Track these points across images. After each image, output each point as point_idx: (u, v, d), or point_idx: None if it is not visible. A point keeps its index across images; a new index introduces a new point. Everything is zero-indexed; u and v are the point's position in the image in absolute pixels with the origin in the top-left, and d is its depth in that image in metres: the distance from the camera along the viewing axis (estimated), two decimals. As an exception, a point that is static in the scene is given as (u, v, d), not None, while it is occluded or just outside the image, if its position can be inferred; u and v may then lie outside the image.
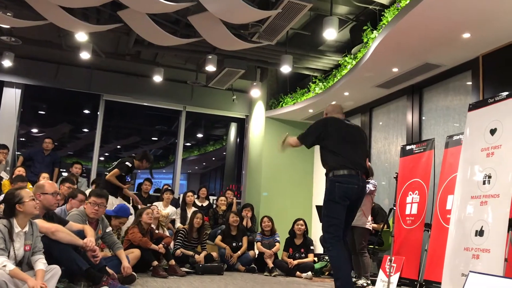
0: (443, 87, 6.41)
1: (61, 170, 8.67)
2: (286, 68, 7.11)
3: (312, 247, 6.98)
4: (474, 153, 4.35)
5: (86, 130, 11.41)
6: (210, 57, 7.25)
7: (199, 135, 13.37)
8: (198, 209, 7.54)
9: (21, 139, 9.33)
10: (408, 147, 6.01)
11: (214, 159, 14.37)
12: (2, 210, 3.47)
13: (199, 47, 7.29)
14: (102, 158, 11.28)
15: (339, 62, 7.52)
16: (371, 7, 6.37)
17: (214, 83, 8.52)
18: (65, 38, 7.51)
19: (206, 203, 8.40)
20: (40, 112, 10.67)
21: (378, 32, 5.94)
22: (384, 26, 5.69)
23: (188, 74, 9.04)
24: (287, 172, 9.31)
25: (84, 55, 7.38)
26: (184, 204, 7.88)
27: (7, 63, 7.90)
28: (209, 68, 7.35)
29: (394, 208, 5.75)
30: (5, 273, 3.06)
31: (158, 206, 7.16)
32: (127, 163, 6.31)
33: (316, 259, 7.12)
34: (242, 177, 10.35)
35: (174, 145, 10.18)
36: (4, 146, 7.78)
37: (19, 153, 8.66)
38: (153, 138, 13.60)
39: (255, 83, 8.76)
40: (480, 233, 3.99)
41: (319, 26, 6.45)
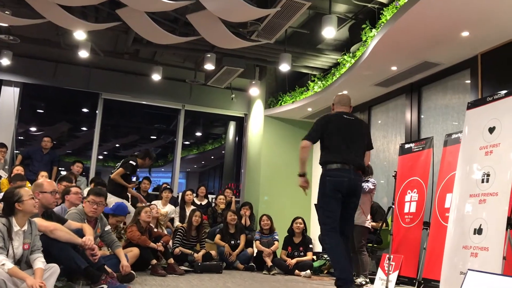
0: (442, 86, 6.42)
1: (59, 169, 8.66)
2: (285, 67, 7.11)
3: (311, 246, 6.98)
4: (473, 151, 4.35)
5: (84, 128, 11.40)
6: (209, 55, 7.24)
7: (198, 134, 13.36)
8: (197, 207, 7.54)
9: (19, 138, 9.31)
10: (407, 146, 6.02)
11: (213, 157, 14.37)
12: (1, 209, 3.47)
13: (198, 45, 7.29)
14: (101, 157, 11.29)
15: (338, 61, 7.52)
16: (370, 5, 6.37)
17: (212, 82, 8.52)
18: (63, 36, 7.50)
19: (205, 202, 8.40)
20: (38, 110, 10.66)
21: (377, 31, 5.94)
22: (383, 24, 5.69)
23: (187, 72, 9.04)
24: (286, 170, 9.30)
25: (83, 54, 7.37)
26: (183, 203, 7.88)
27: (5, 61, 7.89)
28: (207, 66, 7.35)
29: (393, 206, 5.76)
30: (3, 271, 3.06)
31: (157, 204, 7.16)
32: (131, 162, 6.41)
33: (315, 257, 7.13)
34: (241, 175, 10.34)
35: (173, 143, 10.18)
36: (2, 145, 7.78)
37: (17, 151, 8.65)
38: (152, 137, 13.58)
39: (254, 82, 8.76)
40: (479, 231, 4.00)
41: (318, 24, 6.44)
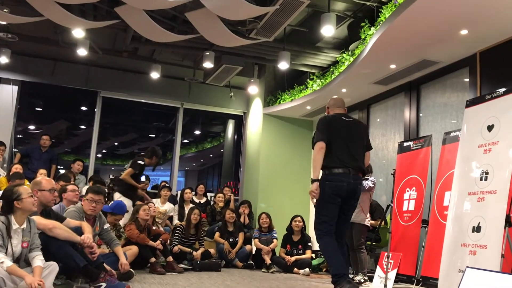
0: (440, 84, 6.42)
1: (58, 167, 8.65)
2: (283, 65, 7.10)
3: (309, 244, 6.99)
4: (472, 149, 4.36)
5: (83, 127, 11.38)
6: (208, 53, 7.24)
7: (197, 132, 13.36)
8: (196, 206, 7.54)
9: (18, 136, 9.29)
10: (405, 144, 6.02)
11: (211, 156, 14.36)
12: (0, 207, 3.47)
13: (197, 43, 7.29)
14: (100, 155, 11.27)
15: (337, 59, 7.51)
16: (368, 3, 6.36)
17: (211, 80, 8.52)
18: (62, 34, 7.48)
19: (204, 200, 8.40)
20: (37, 109, 10.64)
21: (376, 29, 5.93)
22: (381, 22, 5.68)
23: (186, 70, 9.03)
24: (285, 169, 9.32)
25: (81, 52, 7.35)
26: (182, 201, 7.89)
27: (3, 59, 7.87)
28: (206, 64, 7.34)
29: (392, 204, 5.77)
30: (2, 269, 3.06)
31: (155, 203, 7.16)
32: (140, 162, 6.54)
33: (313, 255, 7.13)
34: (239, 174, 10.34)
35: (172, 142, 10.17)
36: (1, 143, 7.77)
37: (16, 150, 8.64)
38: (150, 135, 13.57)
39: (252, 80, 8.75)
40: (477, 229, 4.00)
41: (316, 22, 6.43)
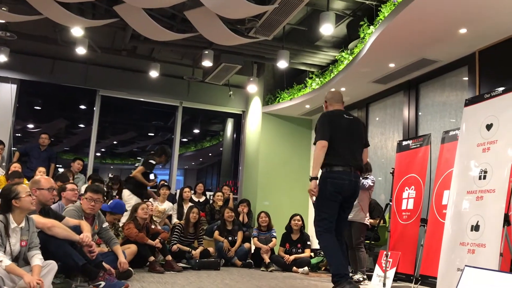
0: (439, 83, 6.42)
1: (57, 166, 8.64)
2: (282, 64, 7.10)
3: (308, 243, 7.00)
4: (470, 148, 4.36)
5: (82, 125, 11.36)
6: (207, 52, 7.23)
7: (196, 131, 13.34)
8: (195, 204, 7.54)
9: (17, 135, 9.28)
10: (404, 143, 6.02)
11: (210, 154, 14.35)
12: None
13: (196, 42, 7.28)
14: (99, 154, 11.25)
15: (336, 58, 7.51)
16: (367, 2, 6.36)
17: (210, 79, 8.51)
18: (60, 33, 7.47)
19: (203, 199, 8.40)
20: (36, 107, 10.62)
21: (375, 28, 5.93)
22: (381, 21, 5.68)
23: (185, 69, 9.02)
24: (284, 167, 9.32)
25: (80, 50, 7.34)
26: (181, 200, 7.89)
27: (2, 58, 7.86)
28: (205, 63, 7.34)
29: (391, 203, 5.77)
30: (1, 268, 3.06)
31: (153, 202, 7.15)
32: (151, 161, 6.73)
33: (312, 254, 7.14)
34: (238, 172, 10.34)
35: (171, 140, 10.16)
36: (-1, 142, 7.76)
37: (15, 148, 8.63)
38: (149, 134, 13.55)
39: (251, 79, 8.75)
40: (476, 228, 4.00)
41: (315, 21, 6.43)
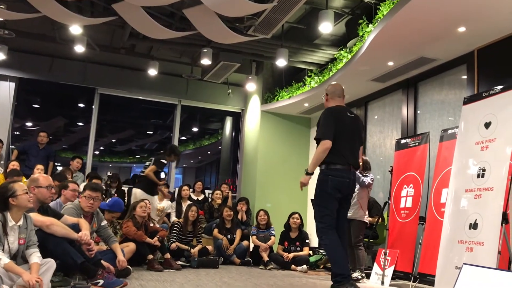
0: (438, 81, 6.42)
1: (56, 164, 8.63)
2: (281, 62, 7.10)
3: (307, 241, 7.01)
4: (469, 146, 4.36)
5: (80, 123, 11.35)
6: (205, 50, 7.23)
7: (195, 129, 13.33)
8: (194, 203, 7.55)
9: (15, 133, 9.27)
10: (403, 141, 6.03)
11: (209, 153, 14.35)
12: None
13: (194, 40, 7.27)
14: (97, 152, 11.24)
15: (335, 56, 7.51)
16: (366, 0, 6.36)
17: (209, 77, 8.51)
18: (59, 31, 7.46)
19: (201, 197, 8.40)
20: (34, 105, 10.60)
21: (374, 26, 5.93)
22: (379, 19, 5.68)
23: (183, 67, 9.01)
24: (283, 166, 9.32)
25: (79, 48, 7.33)
26: (179, 198, 7.89)
27: (0, 56, 7.84)
28: (204, 61, 7.33)
29: (389, 201, 5.78)
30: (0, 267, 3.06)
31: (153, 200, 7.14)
32: (162, 160, 6.80)
33: (311, 252, 7.15)
34: (237, 171, 10.34)
35: (169, 139, 10.16)
36: (-2, 140, 7.74)
37: (13, 147, 8.62)
38: (148, 132, 13.56)
39: (250, 77, 8.74)
40: (474, 226, 4.01)
41: (314, 19, 6.43)
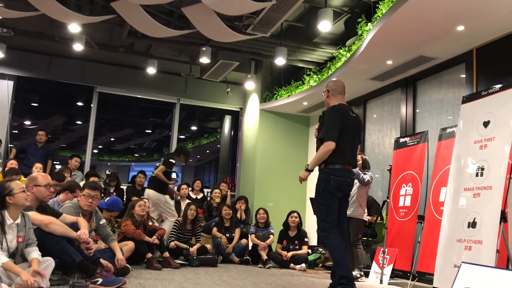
0: (437, 80, 6.43)
1: (54, 162, 8.62)
2: (280, 61, 7.09)
3: (306, 239, 7.01)
4: (467, 145, 4.37)
5: (79, 122, 11.34)
6: (204, 49, 7.22)
7: (193, 128, 13.32)
8: (192, 201, 7.54)
9: (13, 132, 9.26)
10: (401, 140, 6.03)
11: (208, 151, 14.33)
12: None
13: (193, 39, 7.26)
14: (96, 151, 11.23)
15: (334, 55, 7.51)
16: (365, -1, 6.37)
17: (208, 76, 8.50)
18: (57, 29, 7.44)
19: (200, 196, 8.41)
20: (32, 104, 10.58)
21: (373, 25, 5.93)
22: (378, 18, 5.68)
23: (182, 66, 9.01)
24: (281, 164, 9.32)
25: (77, 47, 7.32)
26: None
27: (-1, 54, 7.84)
28: (203, 60, 7.32)
29: (388, 200, 5.79)
30: (-2, 265, 3.06)
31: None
32: (171, 160, 6.88)
33: (310, 251, 7.15)
34: (236, 169, 10.34)
35: (168, 137, 10.15)
36: (-4, 139, 7.74)
37: (12, 145, 8.60)
38: (147, 131, 13.53)
39: (249, 76, 8.74)
40: (473, 224, 4.02)
41: (313, 18, 6.43)
